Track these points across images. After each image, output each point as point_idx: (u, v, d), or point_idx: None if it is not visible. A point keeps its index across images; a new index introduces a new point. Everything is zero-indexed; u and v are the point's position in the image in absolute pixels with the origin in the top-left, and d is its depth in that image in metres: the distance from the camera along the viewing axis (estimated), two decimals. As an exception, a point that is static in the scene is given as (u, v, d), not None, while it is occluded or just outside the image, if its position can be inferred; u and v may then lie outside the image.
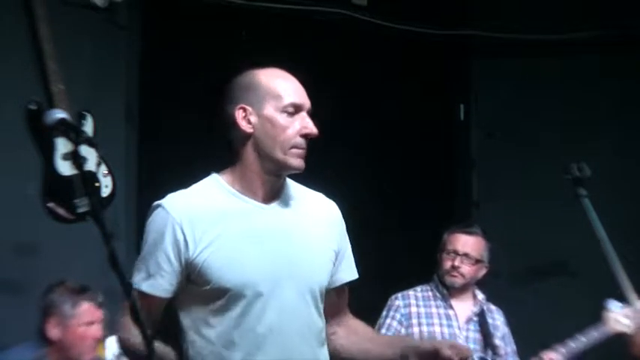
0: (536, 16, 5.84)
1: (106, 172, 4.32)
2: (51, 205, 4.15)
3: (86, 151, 2.50)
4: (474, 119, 6.11)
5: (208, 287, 2.57)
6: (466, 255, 4.34)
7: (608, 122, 5.76)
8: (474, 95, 6.12)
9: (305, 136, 2.61)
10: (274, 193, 2.67)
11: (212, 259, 2.57)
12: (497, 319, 4.42)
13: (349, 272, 2.81)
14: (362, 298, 2.94)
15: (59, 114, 2.44)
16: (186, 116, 4.95)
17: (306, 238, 2.69)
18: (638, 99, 5.70)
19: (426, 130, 5.90)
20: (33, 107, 4.13)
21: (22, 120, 4.13)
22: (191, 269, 2.59)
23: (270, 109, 2.61)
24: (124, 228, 4.65)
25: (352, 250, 2.83)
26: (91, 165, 4.20)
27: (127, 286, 2.32)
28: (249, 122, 2.63)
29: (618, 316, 4.08)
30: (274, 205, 2.66)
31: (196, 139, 4.99)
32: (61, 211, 4.15)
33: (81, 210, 4.10)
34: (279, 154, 2.60)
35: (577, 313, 4.35)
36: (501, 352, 4.31)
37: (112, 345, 4.00)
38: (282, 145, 2.60)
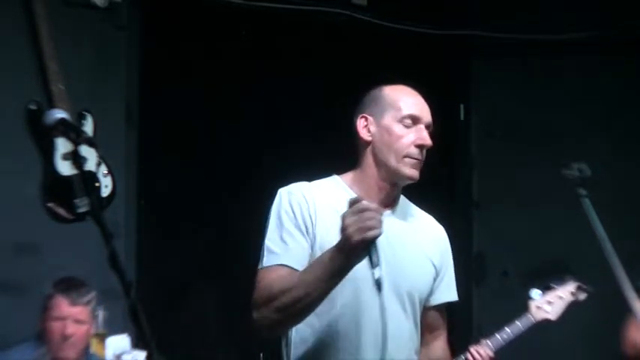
0: (536, 16, 5.84)
1: (106, 172, 4.33)
2: (51, 205, 4.15)
3: (86, 151, 2.50)
4: (474, 119, 6.11)
5: None
6: None
7: (608, 122, 5.76)
8: (474, 95, 6.12)
9: (419, 146, 2.77)
10: (389, 202, 2.80)
11: (326, 245, 2.60)
12: None
13: (448, 293, 2.89)
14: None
15: (59, 114, 2.44)
16: (186, 116, 4.95)
17: (411, 247, 2.79)
18: (638, 99, 5.70)
19: (426, 130, 5.89)
20: (33, 107, 4.13)
21: (22, 120, 4.14)
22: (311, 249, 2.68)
23: (388, 119, 2.79)
24: (124, 228, 4.65)
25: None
26: (91, 165, 4.20)
27: (127, 286, 2.32)
28: (368, 131, 2.80)
29: (541, 304, 4.17)
30: (387, 213, 2.74)
31: (196, 139, 5.00)
32: (61, 211, 4.15)
33: (81, 210, 4.10)
34: (392, 162, 2.75)
35: (577, 313, 4.35)
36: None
37: (111, 345, 4.01)
38: (397, 153, 2.75)
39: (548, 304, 4.18)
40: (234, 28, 5.16)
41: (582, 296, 4.26)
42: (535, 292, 4.22)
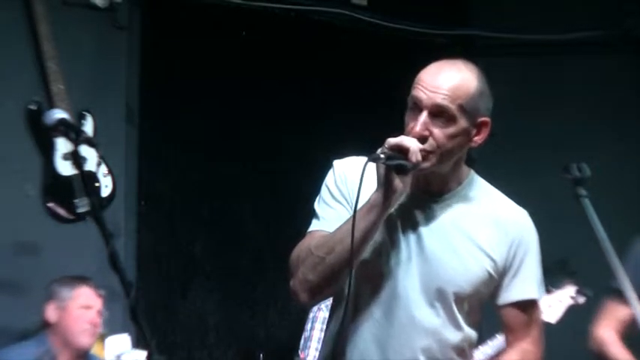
0: (536, 16, 5.84)
1: (106, 172, 4.33)
2: (51, 205, 4.16)
3: (86, 151, 2.50)
4: (474, 119, 6.10)
5: None
6: None
7: (609, 122, 5.76)
8: (474, 95, 6.11)
9: (416, 136, 2.48)
10: (432, 189, 2.57)
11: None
12: None
13: (522, 290, 2.62)
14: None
15: (59, 114, 2.44)
16: (186, 116, 4.95)
17: (456, 237, 2.55)
18: (638, 99, 5.70)
19: (426, 130, 5.90)
20: (33, 107, 4.13)
21: (22, 120, 4.14)
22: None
23: (409, 103, 2.56)
24: (124, 228, 4.65)
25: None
26: (91, 165, 4.21)
27: (127, 286, 2.31)
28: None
29: (541, 307, 4.16)
30: (435, 200, 2.57)
31: (196, 139, 5.00)
32: (61, 211, 4.16)
33: (81, 210, 4.11)
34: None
35: (577, 313, 4.35)
36: None
37: (111, 345, 4.01)
38: None
39: (548, 307, 4.19)
40: (234, 28, 5.16)
41: (581, 300, 4.27)
42: None
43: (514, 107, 6.00)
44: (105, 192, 4.32)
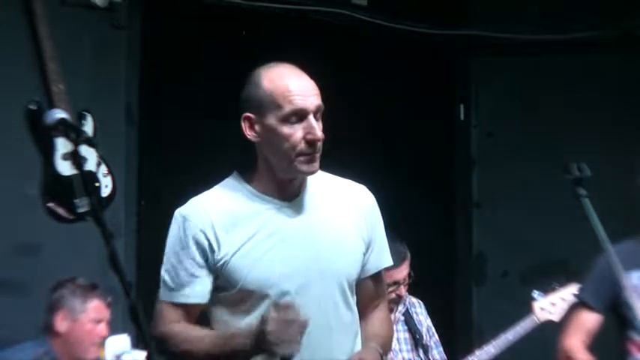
0: (536, 16, 5.84)
1: (106, 172, 4.32)
2: (51, 205, 4.15)
3: (86, 151, 2.50)
4: (474, 119, 6.11)
5: (234, 291, 2.58)
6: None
7: (608, 122, 5.76)
8: (474, 95, 6.12)
9: (309, 142, 2.55)
10: (295, 190, 2.64)
11: (236, 262, 2.57)
12: (419, 314, 4.34)
13: (381, 259, 2.76)
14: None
15: (59, 114, 2.44)
16: (186, 116, 4.95)
17: (332, 231, 2.66)
18: (638, 99, 5.70)
19: (426, 130, 5.90)
20: (33, 107, 4.13)
21: (22, 120, 4.13)
22: (218, 273, 2.60)
23: (272, 119, 2.56)
24: (124, 228, 4.65)
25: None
26: (91, 165, 4.20)
27: (127, 286, 2.32)
28: (254, 131, 2.61)
29: (544, 305, 4.22)
30: (296, 202, 2.64)
31: (196, 138, 5.00)
32: (61, 211, 4.15)
33: (81, 210, 4.10)
34: (285, 162, 2.57)
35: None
36: (433, 352, 4.28)
37: (111, 345, 4.01)
38: (288, 154, 2.55)
39: (551, 305, 4.22)
40: (234, 28, 5.16)
41: None
42: (538, 294, 4.25)
43: (512, 107, 6.01)
44: (105, 192, 4.32)
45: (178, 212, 2.71)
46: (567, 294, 4.26)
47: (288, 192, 2.64)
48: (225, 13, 5.06)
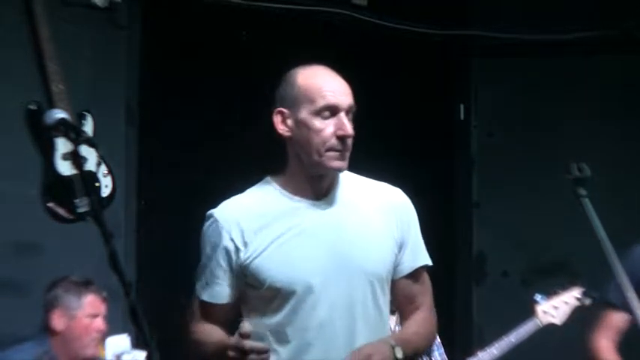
0: (536, 16, 5.84)
1: (106, 172, 4.32)
2: (51, 205, 4.15)
3: (86, 151, 2.50)
4: (474, 119, 6.11)
5: (263, 289, 2.62)
6: None
7: (608, 122, 5.76)
8: (473, 95, 6.12)
9: (341, 137, 2.60)
10: (325, 189, 2.68)
11: (264, 261, 2.62)
12: None
13: (416, 258, 2.77)
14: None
15: (59, 114, 2.45)
16: (186, 116, 4.95)
17: (361, 229, 2.68)
18: (638, 99, 5.70)
19: (426, 130, 5.90)
20: (33, 107, 4.13)
21: (22, 120, 4.13)
22: (246, 273, 2.64)
23: (304, 113, 2.62)
24: (124, 228, 4.65)
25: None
26: (91, 165, 4.20)
27: (127, 286, 2.32)
28: (286, 126, 2.66)
29: (547, 308, 4.23)
30: (326, 200, 2.67)
31: (197, 138, 5.00)
32: (61, 211, 4.15)
33: (81, 210, 4.10)
34: (316, 158, 2.61)
35: (577, 313, 4.36)
36: (435, 353, 4.28)
37: (111, 345, 4.01)
38: (318, 148, 2.61)
39: (554, 308, 4.21)
40: (234, 28, 5.16)
41: (588, 301, 4.28)
42: (541, 297, 4.25)
43: (513, 107, 6.01)
44: (105, 192, 4.32)
45: (210, 213, 2.78)
46: (570, 297, 4.26)
47: (318, 190, 2.68)
48: (225, 13, 5.06)
